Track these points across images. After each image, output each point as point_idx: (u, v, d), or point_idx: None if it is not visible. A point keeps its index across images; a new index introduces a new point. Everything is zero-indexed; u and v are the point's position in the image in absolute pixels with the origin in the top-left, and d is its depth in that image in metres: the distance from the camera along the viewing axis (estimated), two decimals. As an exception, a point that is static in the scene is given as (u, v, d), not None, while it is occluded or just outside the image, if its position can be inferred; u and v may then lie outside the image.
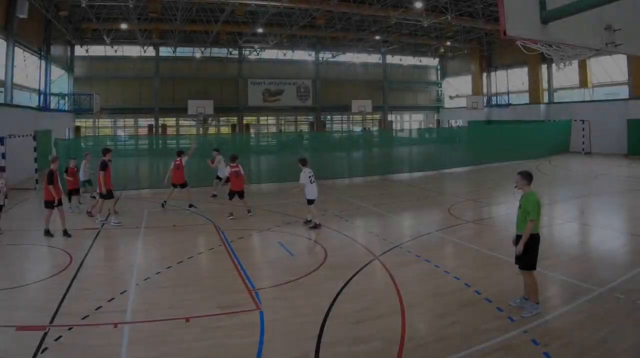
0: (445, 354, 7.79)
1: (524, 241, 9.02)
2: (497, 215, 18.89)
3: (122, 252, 14.46)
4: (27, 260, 13.14)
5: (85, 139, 43.86)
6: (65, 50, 49.84)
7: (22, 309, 9.81)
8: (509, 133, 41.61)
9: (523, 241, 9.01)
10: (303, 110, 62.65)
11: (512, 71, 56.12)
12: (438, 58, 66.92)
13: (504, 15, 8.07)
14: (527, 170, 9.56)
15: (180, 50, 56.34)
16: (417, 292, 10.56)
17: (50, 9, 36.58)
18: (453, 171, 33.06)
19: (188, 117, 56.34)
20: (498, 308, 9.45)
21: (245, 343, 8.29)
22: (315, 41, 57.44)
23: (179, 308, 9.82)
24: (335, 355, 7.92)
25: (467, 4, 41.02)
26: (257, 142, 44.02)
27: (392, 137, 47.81)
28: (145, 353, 7.99)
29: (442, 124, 66.75)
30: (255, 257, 14.11)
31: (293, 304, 10.00)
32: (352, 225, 17.24)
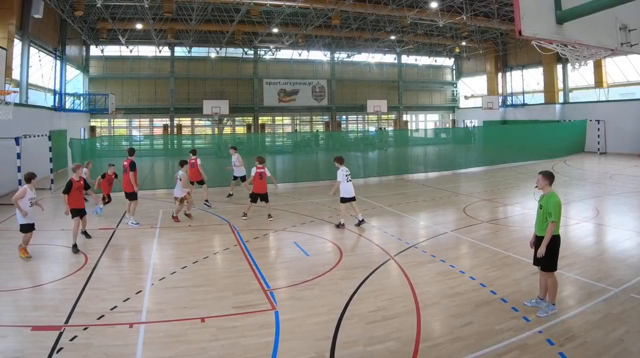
0: (460, 354, 7.80)
1: (546, 243, 8.93)
2: (513, 215, 18.84)
3: (138, 252, 14.48)
4: (43, 260, 13.16)
5: (100, 139, 44.10)
6: (80, 50, 50.05)
7: (37, 309, 9.83)
8: (524, 133, 41.53)
9: (545, 243, 8.93)
10: (318, 110, 62.51)
11: (527, 71, 55.87)
12: (453, 58, 66.72)
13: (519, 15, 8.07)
14: (549, 171, 9.47)
15: (195, 50, 56.38)
16: (433, 292, 10.54)
17: (66, 9, 36.72)
18: (468, 171, 32.99)
19: (203, 117, 56.32)
20: (513, 308, 9.46)
21: (260, 343, 8.31)
22: (331, 41, 57.27)
23: (194, 308, 9.85)
24: (351, 355, 7.93)
25: (482, 4, 40.79)
26: (272, 142, 44.11)
27: (407, 137, 47.78)
28: (161, 353, 8.02)
29: (457, 124, 66.54)
30: (270, 257, 14.14)
31: (308, 304, 10.02)
32: (368, 225, 17.18)
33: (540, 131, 42.09)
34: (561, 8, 8.62)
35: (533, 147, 37.45)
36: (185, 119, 57.56)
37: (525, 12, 8.22)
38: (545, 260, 9.05)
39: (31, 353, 7.90)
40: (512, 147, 37.97)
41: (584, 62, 9.79)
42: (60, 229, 15.89)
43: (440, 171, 33.07)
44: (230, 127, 60.45)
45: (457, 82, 68.70)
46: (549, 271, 9.14)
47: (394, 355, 7.90)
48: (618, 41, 9.30)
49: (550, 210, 8.91)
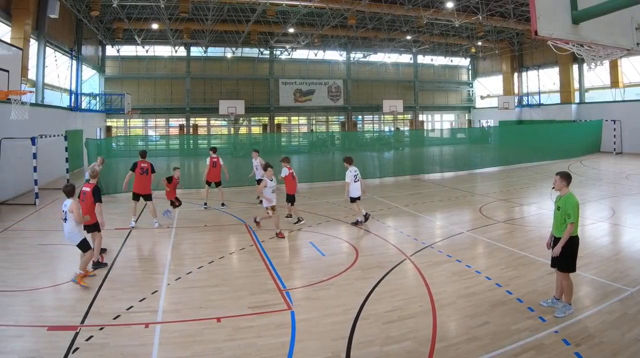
0: (476, 354, 7.81)
1: (562, 244, 8.94)
2: (529, 215, 18.78)
3: (153, 252, 14.52)
4: (59, 260, 13.21)
5: (117, 139, 44.26)
6: (96, 50, 50.30)
7: (53, 309, 9.90)
8: (540, 133, 41.33)
9: (561, 244, 8.94)
10: (334, 110, 62.52)
11: (543, 71, 55.69)
12: (469, 58, 66.62)
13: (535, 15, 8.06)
14: (567, 171, 9.39)
15: (211, 50, 56.60)
16: (449, 292, 10.54)
17: (82, 9, 36.93)
18: (484, 171, 32.90)
19: (219, 117, 56.49)
20: (529, 308, 9.45)
21: (276, 343, 8.33)
22: (347, 41, 57.32)
23: (210, 308, 9.89)
24: (367, 355, 7.94)
25: (498, 4, 40.74)
26: (288, 142, 44.10)
27: (423, 137, 47.69)
28: (177, 353, 8.06)
29: (473, 124, 66.39)
30: (286, 257, 14.09)
31: (324, 304, 10.03)
32: (384, 225, 17.22)
33: (556, 131, 41.97)
34: (577, 8, 8.60)
35: (549, 147, 37.34)
36: (201, 119, 57.75)
37: (541, 12, 8.21)
38: (563, 261, 9.03)
39: (47, 353, 7.94)
40: (528, 147, 37.82)
41: (599, 62, 9.76)
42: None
43: (456, 171, 33.00)
44: (246, 127, 60.53)
45: (473, 82, 68.53)
46: (567, 272, 9.12)
47: (410, 355, 7.91)
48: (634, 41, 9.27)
49: (569, 211, 8.87)
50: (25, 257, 13.19)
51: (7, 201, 21.66)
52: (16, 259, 12.86)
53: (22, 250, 13.92)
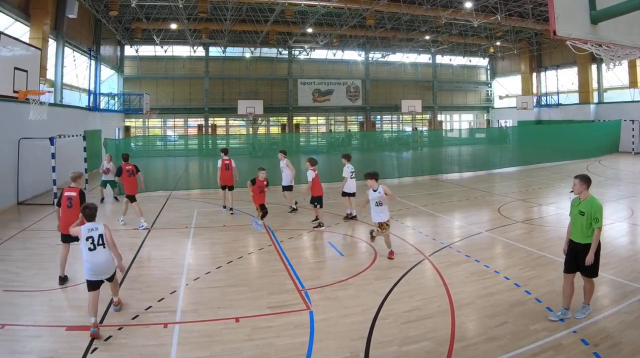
0: (495, 354, 7.81)
1: (594, 249, 8.72)
2: (547, 215, 18.71)
3: (172, 252, 14.47)
4: (77, 260, 13.24)
5: (135, 139, 44.50)
6: (114, 50, 50.56)
7: (72, 309, 9.97)
8: (559, 133, 41.18)
9: (593, 250, 8.70)
10: (353, 110, 62.49)
11: (561, 71, 55.59)
12: (488, 58, 66.37)
13: (554, 15, 8.03)
14: (586, 175, 9.21)
15: (230, 50, 56.68)
16: (467, 292, 10.54)
17: (100, 9, 37.05)
18: (503, 171, 32.78)
19: (238, 117, 56.54)
20: (548, 308, 9.42)
21: (294, 343, 8.36)
22: (365, 41, 57.23)
23: (228, 308, 9.92)
24: (385, 355, 7.95)
25: (516, 4, 40.64)
26: (306, 142, 44.15)
27: (442, 137, 47.62)
28: (195, 353, 8.09)
29: (491, 124, 66.20)
30: (305, 257, 14.08)
31: (343, 304, 10.05)
32: (402, 225, 17.20)
33: (574, 131, 41.94)
34: (596, 8, 8.57)
35: (567, 147, 37.26)
36: (219, 119, 57.93)
37: (559, 12, 8.18)
38: (590, 267, 8.80)
39: (66, 354, 7.99)
40: (546, 147, 37.68)
41: (618, 62, 9.70)
42: None
43: (474, 171, 32.92)
44: (265, 127, 60.63)
45: (491, 82, 68.31)
46: (592, 277, 8.95)
47: (429, 355, 7.92)
48: (653, 41, 9.21)
49: (597, 216, 8.71)
50: (44, 257, 13.25)
51: (26, 201, 21.82)
52: (35, 259, 12.93)
53: (40, 250, 13.98)
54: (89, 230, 9.23)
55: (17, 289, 10.86)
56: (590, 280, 8.94)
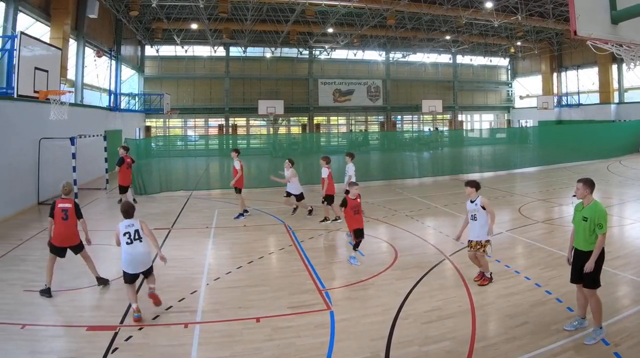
0: (515, 354, 7.79)
1: (596, 257, 8.20)
2: (568, 215, 18.41)
3: (192, 252, 14.48)
4: (97, 261, 13.14)
5: (156, 139, 44.67)
6: (135, 50, 50.89)
7: (92, 309, 10.04)
8: (579, 133, 41.16)
9: (594, 257, 8.19)
10: (373, 110, 62.59)
11: (582, 71, 55.52)
12: (508, 58, 66.32)
13: (574, 15, 7.98)
14: (590, 178, 8.77)
15: (250, 50, 56.99)
16: (488, 292, 10.56)
17: (121, 9, 37.33)
18: (523, 171, 32.68)
19: (258, 117, 56.87)
20: (569, 308, 9.42)
21: (315, 343, 8.37)
22: (386, 41, 57.27)
23: (249, 308, 9.95)
24: (406, 355, 7.96)
25: (537, 4, 40.59)
26: (327, 141, 44.17)
27: (462, 137, 47.54)
28: (216, 353, 8.11)
29: (512, 124, 66.00)
30: (325, 257, 14.15)
31: (363, 304, 10.07)
32: (423, 225, 17.20)
33: (595, 131, 41.99)
34: (616, 8, 8.51)
35: (588, 147, 37.28)
36: (240, 119, 58.24)
37: (580, 12, 8.13)
38: (591, 276, 8.28)
39: (86, 353, 8.04)
40: (567, 147, 37.55)
41: (639, 62, 9.59)
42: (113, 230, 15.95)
43: (495, 171, 32.80)
44: (286, 127, 60.80)
45: (512, 82, 68.19)
46: (594, 288, 8.31)
47: (449, 355, 7.92)
48: (674, 41, 9.12)
49: (600, 221, 8.21)
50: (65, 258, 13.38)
51: (47, 201, 21.78)
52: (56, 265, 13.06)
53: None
54: (126, 226, 9.90)
55: (37, 289, 10.89)
56: (594, 295, 8.36)
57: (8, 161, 19.39)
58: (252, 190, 21.46)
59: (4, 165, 18.99)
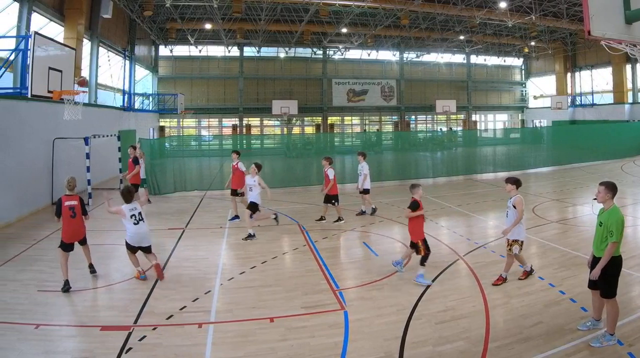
0: (529, 354, 7.79)
1: (602, 265, 7.97)
2: (582, 215, 18.57)
3: (206, 252, 14.49)
4: (112, 261, 13.39)
5: (170, 139, 44.81)
6: (149, 50, 51.15)
7: (106, 309, 10.07)
8: (593, 133, 41.10)
9: (601, 265, 7.98)
10: (387, 110, 62.63)
11: (596, 71, 55.64)
12: (522, 58, 66.36)
13: (588, 15, 7.99)
14: (612, 182, 8.47)
15: (264, 50, 57.20)
16: (502, 292, 10.55)
17: (135, 9, 37.47)
18: (537, 171, 32.59)
19: (272, 117, 57.04)
20: (582, 308, 9.40)
21: (329, 343, 8.39)
22: (400, 41, 57.35)
23: (263, 308, 9.97)
24: (420, 355, 7.97)
25: (551, 4, 40.59)
26: (341, 141, 44.18)
27: (476, 137, 47.46)
28: (230, 353, 8.13)
29: (526, 124, 65.80)
30: (339, 257, 14.16)
31: (377, 304, 10.08)
32: (437, 225, 17.14)
33: (609, 131, 41.98)
34: (630, 8, 8.49)
35: (602, 147, 37.32)
36: (254, 119, 58.46)
37: (594, 12, 8.13)
38: (604, 285, 8.09)
39: (100, 353, 8.07)
40: (581, 147, 37.44)
41: (653, 61, 9.57)
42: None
43: (509, 171, 32.66)
44: (299, 127, 60.91)
45: (526, 82, 68.15)
46: (609, 298, 8.09)
47: (463, 355, 7.93)
48: (687, 41, 9.09)
49: (611, 228, 7.94)
50: (78, 257, 13.31)
51: (60, 202, 21.92)
52: (69, 259, 13.09)
53: (75, 251, 14.13)
54: (130, 210, 11.51)
55: (51, 289, 10.96)
56: (609, 303, 8.16)
57: (22, 161, 19.47)
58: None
59: (18, 165, 19.07)
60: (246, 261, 13.34)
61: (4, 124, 18.32)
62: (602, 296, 8.16)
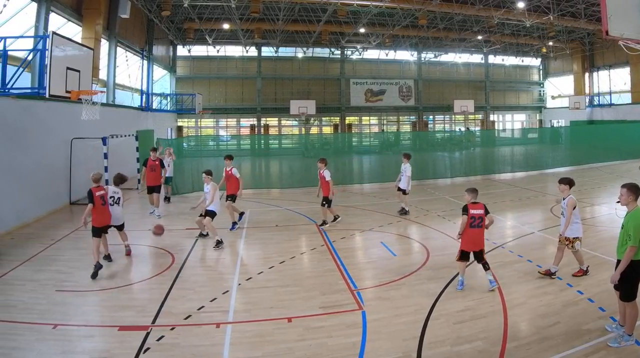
0: (547, 354, 7.79)
1: (621, 269, 7.92)
2: (600, 215, 18.53)
3: (224, 252, 14.51)
4: (129, 261, 13.46)
5: (188, 139, 44.92)
6: (167, 50, 51.29)
7: (124, 309, 10.05)
8: (611, 133, 40.95)
9: (620, 269, 7.93)
10: (405, 110, 62.46)
11: (614, 71, 55.34)
12: (540, 58, 66.02)
13: (606, 15, 7.97)
14: (635, 184, 8.29)
15: (282, 50, 57.16)
16: (520, 292, 10.54)
17: (153, 9, 37.53)
18: (555, 171, 32.39)
19: (290, 117, 57.07)
20: (600, 308, 9.40)
21: (347, 343, 8.39)
22: (418, 41, 56.98)
23: (281, 308, 9.99)
24: (438, 355, 7.98)
25: (569, 4, 40.47)
26: (359, 141, 44.16)
27: (494, 137, 47.34)
28: (248, 353, 8.15)
29: (544, 124, 65.50)
30: (357, 257, 14.13)
31: (395, 304, 10.09)
32: (455, 225, 16.90)
33: (627, 131, 41.95)
34: (648, 8, 8.42)
35: (620, 147, 37.30)
36: (272, 119, 58.45)
37: (612, 12, 8.10)
38: (624, 288, 8.06)
39: (118, 353, 8.11)
40: (599, 147, 37.30)
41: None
42: (147, 229, 15.90)
43: (527, 171, 32.60)
44: (317, 127, 60.90)
45: (544, 82, 67.79)
46: (628, 301, 8.04)
47: (481, 355, 7.93)
48: None
49: (630, 232, 7.82)
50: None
51: (78, 201, 21.96)
52: (87, 259, 13.04)
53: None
54: (113, 192, 13.48)
55: (69, 289, 11.03)
56: (629, 305, 8.09)
57: (40, 161, 19.56)
58: (284, 190, 21.42)
59: (36, 165, 19.15)
60: (264, 261, 13.36)
61: (22, 124, 18.45)
62: (622, 299, 8.13)
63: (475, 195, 11.11)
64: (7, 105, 17.61)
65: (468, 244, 10.81)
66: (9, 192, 17.07)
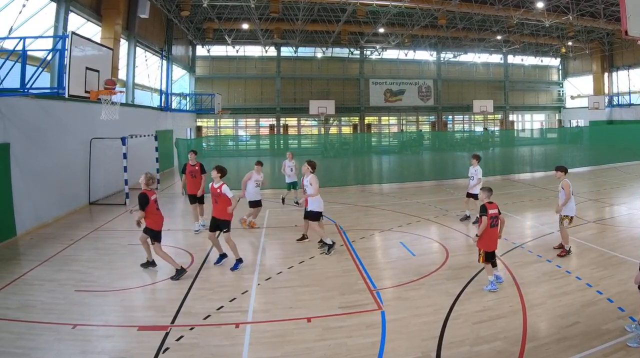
0: (566, 354, 7.80)
1: None
2: (619, 215, 18.50)
3: (244, 251, 14.34)
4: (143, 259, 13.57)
5: (207, 139, 45.03)
6: (186, 50, 51.25)
7: (144, 309, 10.18)
8: (630, 133, 40.75)
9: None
10: (424, 110, 62.22)
11: (633, 71, 55.19)
12: (559, 58, 65.64)
13: (626, 15, 7.95)
14: None
15: (301, 50, 57.07)
16: (539, 292, 10.53)
17: (172, 9, 37.60)
18: (574, 171, 32.15)
19: (309, 117, 57.03)
20: (620, 308, 9.38)
21: (366, 343, 8.42)
22: (437, 41, 56.90)
23: (300, 308, 10.03)
24: (457, 355, 8.01)
25: (588, 4, 40.30)
26: (378, 141, 44.11)
27: (513, 137, 47.15)
28: (267, 354, 8.19)
29: (563, 124, 65.11)
30: (376, 257, 14.14)
31: (414, 304, 10.10)
32: (474, 225, 17.03)
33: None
34: (668, 8, 8.38)
35: (639, 147, 36.37)
36: (291, 119, 58.34)
37: (631, 12, 8.09)
38: None
39: (137, 353, 8.16)
40: (618, 147, 37.10)
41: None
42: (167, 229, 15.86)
43: (546, 171, 32.41)
44: (337, 127, 60.87)
45: (563, 82, 67.43)
46: None
47: (501, 355, 7.95)
48: None
49: None
50: (115, 257, 13.47)
51: (98, 201, 22.19)
52: (107, 259, 13.14)
53: (112, 250, 14.21)
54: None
55: (88, 289, 11.11)
56: None
57: (59, 161, 19.68)
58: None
59: (55, 165, 19.27)
60: (283, 261, 13.41)
61: (41, 124, 18.56)
62: None
63: (490, 194, 11.07)
64: (27, 105, 17.67)
65: (489, 244, 10.88)
66: (28, 192, 17.16)
